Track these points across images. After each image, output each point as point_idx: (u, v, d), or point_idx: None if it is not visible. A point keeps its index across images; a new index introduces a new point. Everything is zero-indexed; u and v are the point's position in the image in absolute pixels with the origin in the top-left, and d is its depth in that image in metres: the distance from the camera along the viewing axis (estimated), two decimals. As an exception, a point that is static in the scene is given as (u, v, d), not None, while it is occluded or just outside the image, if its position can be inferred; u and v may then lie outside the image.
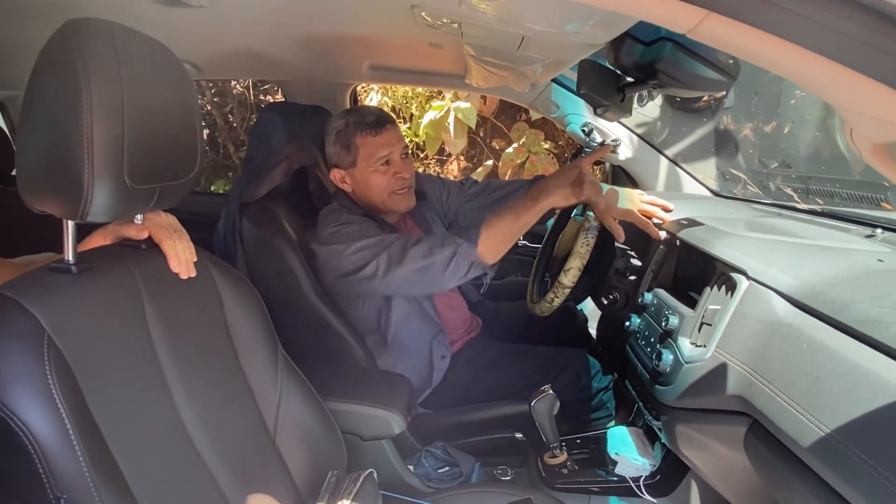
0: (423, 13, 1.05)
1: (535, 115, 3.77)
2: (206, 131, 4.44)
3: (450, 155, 4.25)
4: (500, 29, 0.95)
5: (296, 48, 1.60)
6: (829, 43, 0.37)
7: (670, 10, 0.40)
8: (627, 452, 1.27)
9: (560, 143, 4.02)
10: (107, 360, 0.72)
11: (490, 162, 4.05)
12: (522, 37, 0.98)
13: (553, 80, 1.79)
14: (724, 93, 1.75)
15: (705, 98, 1.89)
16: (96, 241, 0.87)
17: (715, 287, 1.01)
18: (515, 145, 3.77)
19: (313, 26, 1.42)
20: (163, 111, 0.74)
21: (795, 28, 0.37)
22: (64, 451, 0.62)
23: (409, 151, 1.44)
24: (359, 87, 2.19)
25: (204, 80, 3.71)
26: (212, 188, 4.26)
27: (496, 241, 1.22)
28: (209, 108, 4.37)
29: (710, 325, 0.96)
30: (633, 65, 1.01)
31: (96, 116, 0.64)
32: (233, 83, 4.49)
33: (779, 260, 0.92)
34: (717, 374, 0.90)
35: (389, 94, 3.99)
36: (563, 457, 1.32)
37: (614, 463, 1.28)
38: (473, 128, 3.61)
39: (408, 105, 4.02)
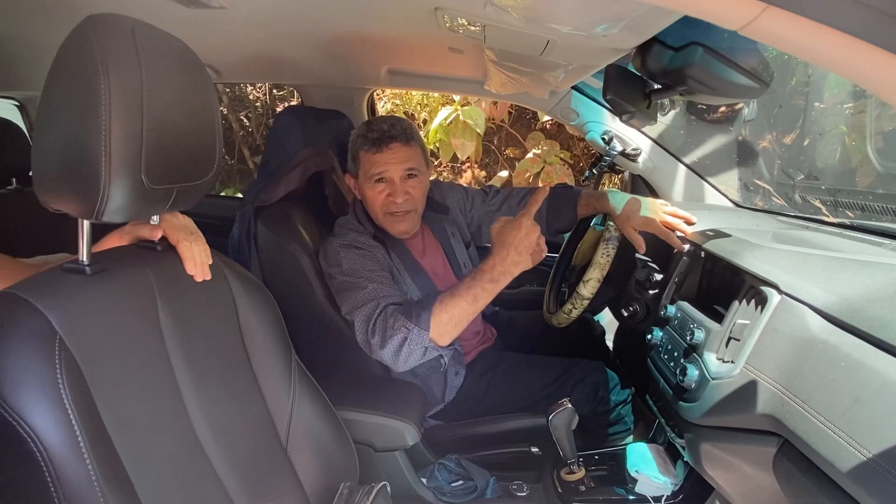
0: (445, 16, 1.03)
1: (543, 119, 3.74)
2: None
3: (463, 164, 4.24)
4: (526, 32, 0.92)
5: (315, 52, 1.59)
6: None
7: (725, 6, 0.38)
8: (648, 470, 1.23)
9: (575, 152, 3.99)
10: (118, 364, 0.71)
11: (504, 173, 4.03)
12: (548, 41, 0.96)
13: (573, 88, 1.76)
14: (743, 104, 1.72)
15: (723, 108, 1.86)
16: (112, 241, 0.86)
17: (744, 301, 0.98)
18: (530, 155, 3.75)
19: (333, 30, 1.41)
20: (182, 110, 0.73)
21: (863, 21, 0.34)
22: (72, 459, 0.60)
23: (416, 174, 1.39)
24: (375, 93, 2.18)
25: (221, 83, 3.74)
26: (222, 192, 4.28)
27: (451, 324, 1.16)
28: (225, 112, 4.40)
29: (738, 340, 0.93)
30: (661, 70, 0.98)
31: (115, 113, 0.63)
32: (249, 88, 4.53)
33: (812, 274, 0.89)
34: (746, 392, 0.87)
35: (402, 99, 4.00)
36: (580, 473, 1.29)
37: (634, 481, 1.24)
38: (482, 132, 3.59)
39: (420, 111, 4.02)
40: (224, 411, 0.86)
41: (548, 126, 3.93)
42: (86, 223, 0.71)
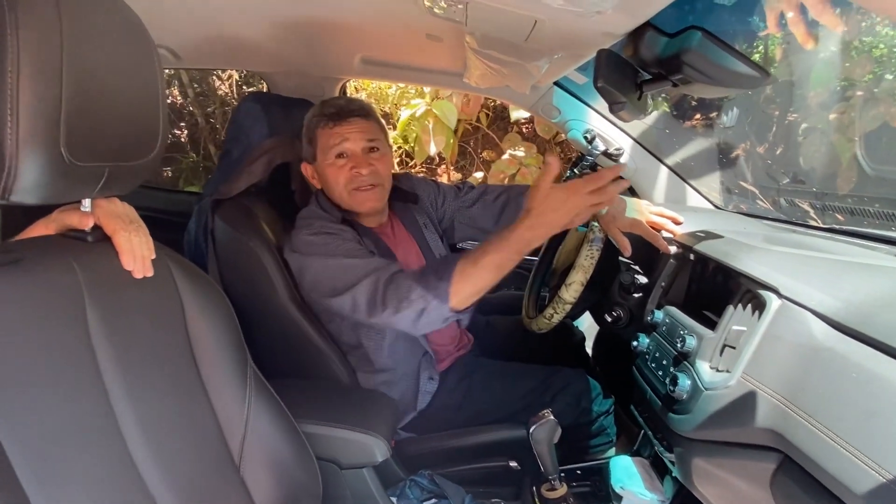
0: (425, -7, 0.96)
1: (515, 117, 3.67)
2: (186, 131, 4.34)
3: (439, 164, 4.17)
4: (512, 10, 0.85)
5: (283, 36, 1.49)
6: None
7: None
8: (634, 486, 1.16)
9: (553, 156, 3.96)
10: (28, 370, 0.60)
11: (480, 174, 3.98)
12: (535, 21, 0.89)
13: (556, 84, 1.70)
14: (721, 112, 1.69)
15: (698, 116, 1.84)
16: (38, 230, 0.75)
17: (739, 306, 0.92)
18: (506, 156, 3.70)
19: (303, 11, 1.31)
20: (116, 75, 0.63)
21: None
22: None
23: (378, 147, 1.32)
24: (350, 85, 2.08)
25: (182, 68, 3.59)
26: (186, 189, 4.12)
27: (474, 294, 1.08)
28: (191, 108, 4.25)
29: (734, 348, 0.88)
30: (655, 58, 0.92)
31: (24, 71, 0.52)
32: (217, 83, 4.38)
33: (813, 277, 0.84)
34: (744, 404, 0.81)
35: (379, 94, 3.90)
36: (562, 490, 1.21)
37: (619, 498, 1.17)
38: (453, 127, 3.50)
39: (396, 111, 3.93)
40: (166, 429, 0.75)
41: (524, 129, 3.89)
42: (-7, 205, 0.60)
